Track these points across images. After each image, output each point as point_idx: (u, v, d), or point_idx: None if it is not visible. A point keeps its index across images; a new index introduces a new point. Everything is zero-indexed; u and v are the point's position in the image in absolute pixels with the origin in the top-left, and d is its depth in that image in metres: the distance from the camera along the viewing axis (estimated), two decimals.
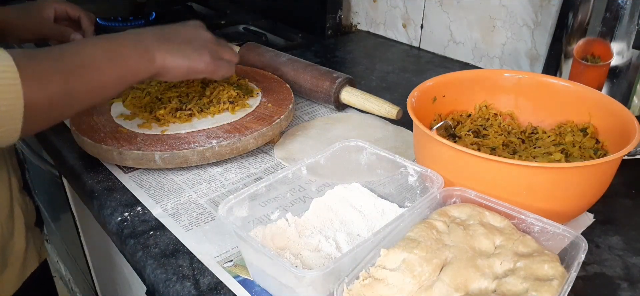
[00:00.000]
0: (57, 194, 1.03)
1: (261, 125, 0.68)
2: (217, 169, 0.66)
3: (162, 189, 0.62)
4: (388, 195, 0.58)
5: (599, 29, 0.65)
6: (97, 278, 1.09)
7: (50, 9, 0.78)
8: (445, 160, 0.52)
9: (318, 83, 0.81)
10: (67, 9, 0.80)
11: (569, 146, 0.59)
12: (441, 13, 1.05)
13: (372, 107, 0.76)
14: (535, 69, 0.93)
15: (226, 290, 0.48)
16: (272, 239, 0.49)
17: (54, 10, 0.79)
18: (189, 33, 0.63)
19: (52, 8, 0.78)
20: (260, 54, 0.90)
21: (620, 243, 0.54)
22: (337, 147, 0.59)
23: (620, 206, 0.60)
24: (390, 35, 1.20)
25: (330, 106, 0.81)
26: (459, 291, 0.41)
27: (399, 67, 1.03)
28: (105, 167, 0.66)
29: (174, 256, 0.52)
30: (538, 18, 0.90)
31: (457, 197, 0.51)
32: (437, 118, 0.65)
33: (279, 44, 1.16)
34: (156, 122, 0.68)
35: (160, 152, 0.62)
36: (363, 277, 0.41)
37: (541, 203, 0.49)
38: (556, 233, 0.45)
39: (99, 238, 0.86)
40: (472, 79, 0.67)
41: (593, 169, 0.48)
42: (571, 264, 0.42)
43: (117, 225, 0.57)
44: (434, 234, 0.45)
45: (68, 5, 0.80)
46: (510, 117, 0.66)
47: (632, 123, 0.53)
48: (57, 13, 0.79)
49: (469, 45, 1.03)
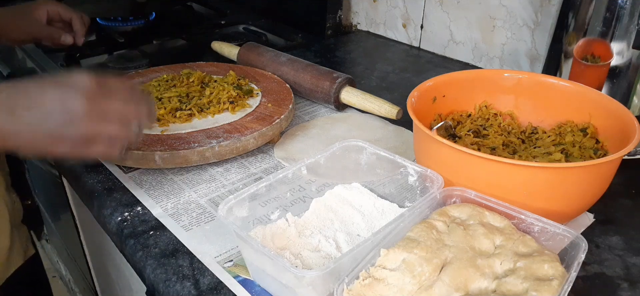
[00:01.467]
0: (57, 194, 1.03)
1: (261, 125, 0.68)
2: (217, 169, 0.66)
3: (162, 189, 0.62)
4: (388, 195, 0.58)
5: (599, 29, 0.65)
6: (97, 278, 1.09)
7: (43, 10, 0.78)
8: (445, 160, 0.52)
9: (318, 83, 0.81)
10: (59, 10, 0.80)
11: (569, 146, 0.59)
12: (441, 13, 1.05)
13: (372, 107, 0.76)
14: (535, 69, 0.93)
15: (226, 290, 0.48)
16: (272, 239, 0.49)
17: (47, 12, 0.79)
18: (52, 102, 0.45)
19: (44, 10, 0.78)
20: (260, 54, 0.90)
21: (620, 243, 0.54)
22: (337, 147, 0.59)
23: (620, 206, 0.60)
24: (390, 35, 1.20)
25: (330, 106, 0.81)
26: (459, 291, 0.41)
27: (399, 67, 1.03)
28: (105, 167, 0.66)
29: (174, 256, 0.52)
30: (538, 18, 0.90)
31: (457, 197, 0.51)
32: (437, 118, 0.65)
33: (279, 44, 1.16)
34: (156, 122, 0.68)
35: (160, 152, 0.62)
36: (363, 277, 0.41)
37: (541, 203, 0.49)
38: (556, 233, 0.45)
39: (99, 238, 0.86)
40: (472, 79, 0.67)
41: (593, 169, 0.48)
42: (571, 264, 0.42)
43: (117, 225, 0.57)
44: (434, 234, 0.45)
45: (60, 6, 0.80)
46: (510, 117, 0.66)
47: (632, 123, 0.53)
48: (50, 15, 0.79)
49: (469, 45, 1.03)
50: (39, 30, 0.78)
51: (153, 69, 0.86)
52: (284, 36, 1.21)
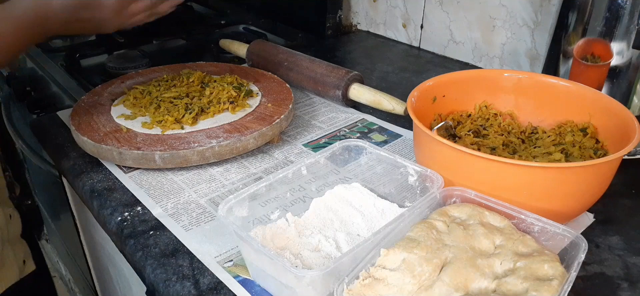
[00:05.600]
0: (57, 194, 1.03)
1: (261, 125, 0.68)
2: (217, 169, 0.66)
3: (162, 189, 0.62)
4: (388, 195, 0.58)
5: (599, 29, 0.65)
6: (97, 278, 1.09)
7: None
8: (445, 160, 0.52)
9: (331, 73, 0.83)
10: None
11: (569, 146, 0.59)
12: (441, 13, 1.05)
13: (381, 102, 0.77)
14: (535, 69, 0.93)
15: (226, 290, 0.48)
16: (272, 239, 0.49)
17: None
18: None
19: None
20: (274, 46, 0.94)
21: (620, 243, 0.54)
22: (337, 147, 0.59)
23: (620, 206, 0.60)
24: (390, 35, 1.20)
25: (336, 103, 0.82)
26: (459, 291, 0.41)
27: (399, 67, 1.03)
28: (105, 167, 0.66)
29: (174, 256, 0.52)
30: (538, 18, 0.90)
31: (457, 197, 0.51)
32: (437, 118, 0.65)
33: (279, 44, 1.16)
34: (158, 125, 0.68)
35: (160, 152, 0.62)
36: (363, 277, 0.41)
37: (541, 203, 0.49)
38: (556, 233, 0.45)
39: (99, 238, 0.86)
40: (472, 79, 0.67)
41: (593, 169, 0.48)
42: (571, 264, 0.42)
43: (117, 225, 0.57)
44: (434, 234, 0.45)
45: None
46: (510, 117, 0.66)
47: (632, 123, 0.53)
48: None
49: (469, 45, 1.03)
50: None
51: (153, 69, 0.86)
52: (284, 36, 1.21)
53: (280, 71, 0.88)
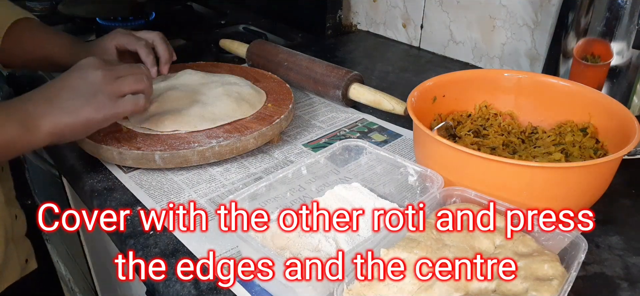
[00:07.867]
0: (57, 194, 1.03)
1: (261, 125, 0.68)
2: (217, 169, 0.66)
3: (162, 189, 0.62)
4: (388, 195, 0.58)
5: (599, 29, 0.65)
6: (97, 278, 1.09)
7: (111, 45, 0.75)
8: (445, 160, 0.52)
9: (332, 73, 0.83)
10: (125, 42, 0.75)
11: (569, 146, 0.59)
12: (441, 13, 1.06)
13: (382, 101, 0.77)
14: (535, 69, 0.93)
15: (226, 290, 0.48)
16: (272, 239, 0.49)
17: (115, 46, 0.75)
18: (76, 82, 0.56)
19: (112, 44, 0.75)
20: (274, 46, 0.94)
21: (620, 243, 0.54)
22: (337, 147, 0.59)
23: (620, 206, 0.60)
24: (390, 35, 1.20)
25: (336, 103, 0.82)
26: (459, 291, 0.41)
27: (399, 67, 1.03)
28: (105, 167, 0.66)
29: (174, 256, 0.52)
30: (538, 18, 0.90)
31: (457, 197, 0.51)
32: (437, 118, 0.65)
33: (279, 44, 1.16)
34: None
35: (160, 152, 0.62)
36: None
37: (541, 203, 0.49)
38: (556, 233, 0.45)
39: (99, 238, 0.86)
40: (472, 79, 0.67)
41: (593, 169, 0.48)
42: (571, 264, 0.42)
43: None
44: (434, 234, 0.45)
45: (127, 37, 0.75)
46: (510, 117, 0.66)
47: (632, 123, 0.53)
48: (119, 47, 0.75)
49: (469, 45, 1.03)
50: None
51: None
52: (284, 36, 1.21)
53: (280, 71, 0.88)
